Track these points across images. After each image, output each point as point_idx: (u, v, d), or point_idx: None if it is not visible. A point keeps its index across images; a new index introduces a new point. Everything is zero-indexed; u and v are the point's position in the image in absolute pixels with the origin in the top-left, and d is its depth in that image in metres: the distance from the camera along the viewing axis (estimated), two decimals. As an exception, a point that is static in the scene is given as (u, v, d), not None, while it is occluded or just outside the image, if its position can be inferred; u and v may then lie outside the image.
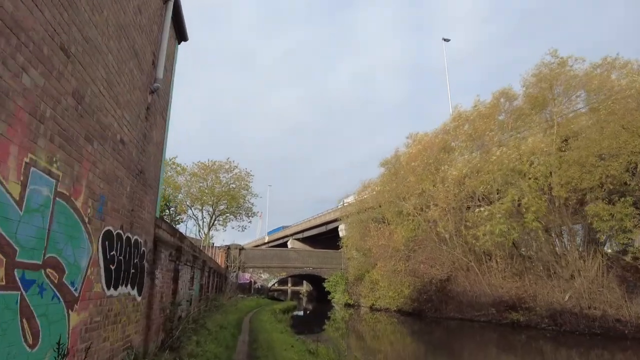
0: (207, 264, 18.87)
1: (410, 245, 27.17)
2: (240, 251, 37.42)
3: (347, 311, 35.33)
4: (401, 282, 27.16)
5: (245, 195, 50.32)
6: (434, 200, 23.57)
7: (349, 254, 37.12)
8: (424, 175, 24.70)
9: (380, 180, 30.88)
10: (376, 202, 30.84)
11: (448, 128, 25.55)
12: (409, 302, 27.10)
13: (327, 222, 58.97)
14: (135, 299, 6.41)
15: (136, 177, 6.30)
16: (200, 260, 15.28)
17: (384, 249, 27.56)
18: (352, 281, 36.51)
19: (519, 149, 18.46)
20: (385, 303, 29.82)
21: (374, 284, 33.08)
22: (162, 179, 8.28)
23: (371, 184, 33.42)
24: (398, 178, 27.99)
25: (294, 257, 40.40)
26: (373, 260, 32.75)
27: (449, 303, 25.59)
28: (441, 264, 25.26)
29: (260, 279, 37.82)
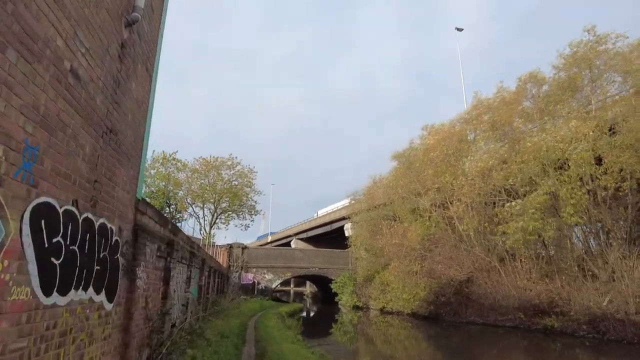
0: (208, 263, 17.06)
1: (426, 244, 25.28)
2: (243, 250, 35.61)
3: (356, 314, 33.44)
4: (416, 283, 25.27)
5: (248, 192, 48.60)
6: (455, 194, 21.67)
7: (357, 253, 35.23)
8: (444, 167, 22.81)
9: (393, 174, 28.95)
10: (388, 198, 28.96)
11: (468, 117, 23.65)
12: (425, 305, 25.20)
13: (332, 222, 57.19)
14: (102, 308, 4.59)
15: (103, 137, 4.48)
16: (199, 258, 13.45)
17: (397, 248, 25.69)
18: (361, 282, 34.61)
19: (558, 135, 16.54)
20: (397, 306, 27.93)
21: (385, 286, 31.18)
22: (146, 150, 6.45)
23: (382, 179, 31.54)
24: (412, 172, 26.08)
25: (300, 256, 38.54)
26: (384, 261, 30.86)
27: (469, 306, 23.68)
28: (460, 265, 23.37)
29: (264, 279, 35.99)
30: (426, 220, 25.13)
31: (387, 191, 29.06)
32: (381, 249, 32.18)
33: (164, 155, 45.29)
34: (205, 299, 16.74)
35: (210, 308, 17.89)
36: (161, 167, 45.43)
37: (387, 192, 28.95)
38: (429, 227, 24.92)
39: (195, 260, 12.50)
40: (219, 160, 46.75)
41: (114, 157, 4.89)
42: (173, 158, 45.77)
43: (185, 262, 10.71)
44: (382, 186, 30.65)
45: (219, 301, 21.91)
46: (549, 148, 16.36)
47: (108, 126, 4.63)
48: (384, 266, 32.27)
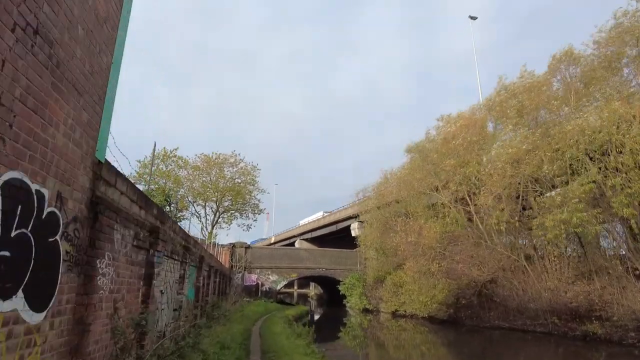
0: (207, 261, 15.23)
1: (445, 242, 23.37)
2: (246, 250, 33.78)
3: (365, 317, 31.52)
4: (433, 285, 23.35)
5: (252, 190, 46.83)
6: (482, 185, 19.73)
7: (367, 253, 33.32)
8: (467, 157, 20.91)
9: (408, 168, 26.98)
10: (401, 194, 27.04)
11: (491, 104, 21.73)
12: (443, 308, 23.27)
13: (338, 221, 55.34)
14: (17, 321, 2.78)
15: (18, 36, 2.69)
16: (195, 255, 11.62)
17: (413, 246, 23.77)
18: (371, 284, 32.68)
19: (602, 117, 14.61)
20: (412, 309, 25.99)
21: (397, 287, 29.24)
22: (113, 94, 4.58)
23: (394, 174, 29.58)
24: (429, 165, 24.15)
25: (305, 256, 36.66)
26: (397, 260, 28.94)
27: (492, 309, 21.73)
28: (483, 264, 21.43)
29: (268, 280, 34.12)
30: (445, 216, 23.21)
31: (400, 186, 27.12)
32: (393, 249, 30.28)
33: (165, 151, 43.66)
34: (204, 302, 14.90)
35: (210, 312, 16.05)
36: (161, 163, 43.83)
37: (401, 187, 27.02)
38: (448, 223, 23.00)
39: (191, 257, 10.67)
40: (221, 156, 45.06)
41: (47, 78, 3.07)
42: (174, 155, 44.18)
43: (178, 257, 8.88)
44: (394, 181, 28.70)
45: (220, 304, 20.07)
46: (594, 131, 14.40)
47: (31, 23, 2.82)
48: (397, 266, 30.34)
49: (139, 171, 42.69)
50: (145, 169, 43.07)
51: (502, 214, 18.35)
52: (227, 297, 24.68)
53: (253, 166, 46.37)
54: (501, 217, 18.35)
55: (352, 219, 50.61)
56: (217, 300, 20.39)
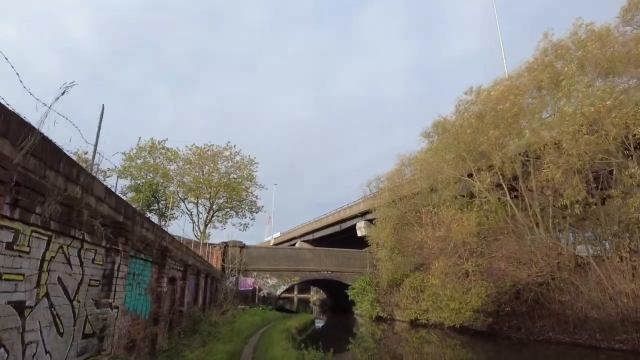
0: (180, 257, 11.05)
1: (482, 236, 19.21)
2: (241, 250, 29.50)
3: (378, 326, 27.21)
4: (467, 288, 19.11)
5: (249, 187, 42.64)
6: (542, 157, 15.52)
7: (379, 253, 29.06)
8: (516, 125, 16.77)
9: (435, 147, 22.60)
10: (423, 182, 22.89)
11: (536, 66, 17.54)
12: (480, 317, 19.03)
13: (342, 220, 51.18)
14: None
15: None
16: (150, 242, 7.43)
17: (442, 243, 19.54)
18: (385, 288, 28.42)
19: None
20: (438, 317, 21.72)
21: (417, 292, 25.00)
22: None
23: (413, 159, 25.29)
24: (461, 144, 19.97)
25: (309, 257, 32.34)
26: (417, 261, 24.73)
27: (543, 318, 17.52)
28: (532, 262, 17.22)
29: (267, 284, 29.81)
30: (482, 205, 19.07)
31: (423, 173, 22.90)
32: (412, 247, 26.04)
33: (152, 142, 39.49)
34: (175, 315, 10.69)
35: (186, 328, 11.82)
36: (148, 156, 39.65)
37: (423, 173, 22.82)
38: (490, 211, 18.84)
39: (137, 244, 6.50)
40: (215, 149, 40.90)
41: None
42: (162, 146, 40.01)
43: (91, 239, 4.70)
44: (417, 165, 24.40)
45: (206, 315, 15.82)
46: None
47: None
48: (416, 268, 26.12)
49: (123, 164, 38.70)
50: (131, 162, 39.00)
51: (574, 192, 14.13)
52: (216, 306, 20.44)
53: (250, 159, 42.23)
54: (575, 196, 14.15)
55: (357, 218, 46.49)
56: (201, 310, 16.14)
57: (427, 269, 25.00)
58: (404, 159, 26.08)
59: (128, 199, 38.42)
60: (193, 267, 13.70)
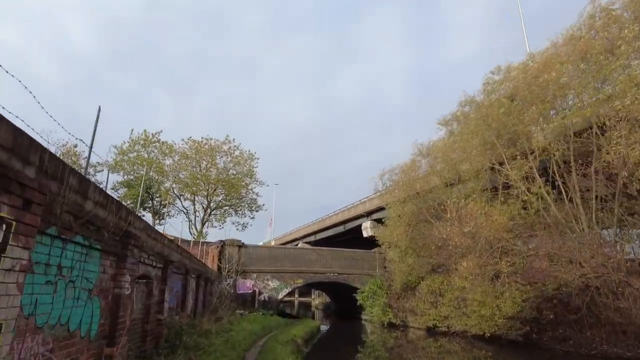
0: (167, 255, 8.49)
1: (514, 233, 16.64)
2: (240, 249, 26.89)
3: (390, 334, 24.56)
4: (500, 292, 16.51)
5: (249, 183, 40.06)
6: (614, 130, 12.96)
7: (391, 254, 26.45)
8: (564, 94, 14.24)
9: (459, 131, 20.01)
10: (445, 174, 20.31)
11: (597, 26, 14.94)
12: (515, 325, 16.44)
13: (346, 221, 48.58)
14: None
15: None
16: (113, 223, 4.85)
17: (470, 240, 16.94)
18: (398, 292, 25.80)
19: None
20: (462, 324, 19.13)
21: (435, 296, 22.41)
22: None
23: (433, 148, 22.60)
24: (491, 126, 17.34)
25: (313, 258, 29.70)
26: (436, 261, 22.17)
27: (594, 327, 14.90)
28: (585, 262, 14.62)
29: (268, 287, 27.18)
30: (520, 196, 16.48)
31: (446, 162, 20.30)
32: (428, 246, 23.50)
33: (145, 135, 36.96)
34: (149, 325, 8.11)
35: (167, 341, 9.24)
36: (142, 149, 37.12)
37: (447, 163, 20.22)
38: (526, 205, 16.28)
39: (64, 217, 3.96)
40: (213, 142, 38.32)
41: None
42: (157, 139, 37.48)
43: None
44: (436, 156, 21.81)
45: (195, 323, 13.23)
46: None
47: None
48: (434, 269, 23.53)
49: (115, 159, 36.20)
50: (123, 155, 36.48)
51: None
52: (211, 311, 17.85)
53: (250, 154, 39.69)
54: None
55: (363, 218, 43.90)
56: (191, 317, 13.55)
57: (448, 271, 22.41)
58: (422, 148, 23.54)
59: (120, 196, 35.93)
60: (179, 265, 11.12)
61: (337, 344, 23.65)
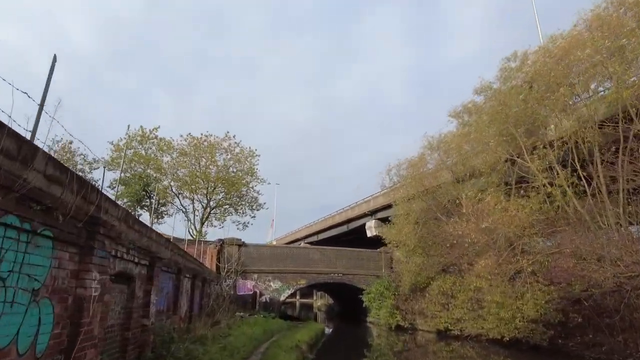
0: (155, 251, 7.26)
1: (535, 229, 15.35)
2: (240, 248, 25.66)
3: (397, 337, 23.30)
4: (521, 293, 15.23)
5: (249, 181, 38.75)
6: None
7: (399, 254, 25.18)
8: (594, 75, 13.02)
9: (474, 122, 18.71)
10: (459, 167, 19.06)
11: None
12: (538, 328, 15.15)
13: (349, 220, 47.47)
14: None
15: None
16: (72, 205, 3.62)
17: (487, 236, 15.64)
18: (407, 293, 24.53)
19: None
20: (478, 327, 17.86)
21: (447, 298, 21.14)
22: None
23: (445, 141, 21.26)
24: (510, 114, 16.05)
25: (317, 258, 28.43)
26: (449, 260, 20.93)
27: (626, 332, 13.62)
28: (615, 260, 13.34)
29: (269, 288, 25.93)
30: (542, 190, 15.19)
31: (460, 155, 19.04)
32: (438, 246, 22.27)
33: (142, 131, 35.75)
34: (131, 333, 6.87)
35: (154, 351, 8.01)
36: (139, 146, 35.89)
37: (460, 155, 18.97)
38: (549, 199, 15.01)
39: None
40: (212, 139, 37.01)
41: None
42: (154, 136, 36.24)
43: None
44: (448, 149, 20.53)
45: (189, 328, 12.00)
46: None
47: None
48: (445, 269, 22.28)
49: (112, 155, 34.99)
50: (120, 152, 35.26)
51: None
52: (208, 314, 16.61)
53: (251, 151, 38.38)
54: None
55: (367, 217, 42.72)
56: (185, 321, 12.31)
57: (460, 271, 21.16)
58: (432, 140, 22.23)
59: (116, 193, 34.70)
60: (169, 263, 9.89)
61: (342, 349, 22.39)
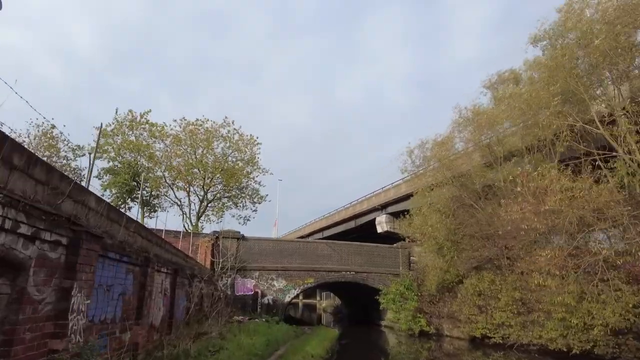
0: (90, 224, 3.83)
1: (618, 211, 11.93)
2: (239, 242, 22.29)
3: (422, 344, 19.86)
4: (595, 294, 11.78)
5: (250, 172, 35.30)
6: None
7: (424, 247, 21.73)
8: None
9: (530, 79, 15.11)
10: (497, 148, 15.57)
11: None
12: (629, 342, 11.70)
13: (357, 215, 44.16)
14: None
15: None
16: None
17: (551, 220, 12.16)
18: (433, 294, 21.10)
19: None
20: (531, 335, 14.40)
21: (485, 299, 17.71)
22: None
23: (484, 112, 17.65)
24: (576, 73, 12.39)
25: (327, 253, 24.97)
26: (486, 254, 17.49)
27: None
28: None
29: (272, 288, 22.53)
30: (627, 163, 11.76)
31: (514, 121, 15.46)
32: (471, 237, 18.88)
33: (132, 115, 32.36)
34: None
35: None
36: (129, 132, 32.53)
37: (502, 128, 15.49)
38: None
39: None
40: (209, 125, 33.61)
41: None
42: (146, 120, 32.87)
43: None
44: (484, 124, 16.91)
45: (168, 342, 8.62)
46: None
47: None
48: (480, 265, 18.83)
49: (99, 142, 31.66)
50: (107, 139, 31.95)
51: None
52: (197, 320, 13.22)
53: (252, 138, 34.94)
54: None
55: (377, 211, 39.34)
56: (162, 331, 8.91)
57: (498, 267, 17.75)
58: (466, 112, 18.67)
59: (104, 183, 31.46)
60: (124, 247, 6.51)
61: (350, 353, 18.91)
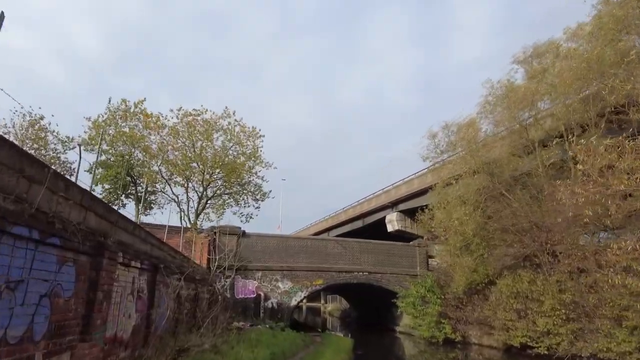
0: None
1: None
2: (239, 239, 19.93)
3: (446, 354, 17.41)
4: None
5: (252, 166, 32.88)
6: None
7: (449, 244, 19.27)
8: None
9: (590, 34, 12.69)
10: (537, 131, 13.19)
11: None
12: None
13: (366, 214, 41.85)
14: None
15: None
16: None
17: (629, 203, 9.79)
18: (460, 296, 18.64)
19: None
20: (600, 348, 11.97)
21: (525, 302, 15.25)
22: None
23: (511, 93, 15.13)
24: None
25: (337, 252, 22.53)
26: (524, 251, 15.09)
27: None
28: None
29: (277, 290, 20.11)
30: None
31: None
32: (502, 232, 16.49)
33: (125, 104, 30.07)
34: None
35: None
36: (123, 123, 30.25)
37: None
38: None
39: None
40: (209, 116, 31.31)
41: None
42: (141, 110, 30.57)
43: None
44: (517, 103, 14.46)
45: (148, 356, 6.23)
46: None
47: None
48: (516, 264, 16.40)
49: (90, 134, 29.47)
50: (98, 130, 29.68)
51: None
52: (190, 328, 10.88)
53: (254, 131, 32.57)
54: None
55: (387, 209, 36.98)
56: (131, 346, 6.56)
57: (537, 265, 15.31)
58: (499, 87, 16.23)
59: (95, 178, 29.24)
60: (56, 222, 4.15)
61: None
